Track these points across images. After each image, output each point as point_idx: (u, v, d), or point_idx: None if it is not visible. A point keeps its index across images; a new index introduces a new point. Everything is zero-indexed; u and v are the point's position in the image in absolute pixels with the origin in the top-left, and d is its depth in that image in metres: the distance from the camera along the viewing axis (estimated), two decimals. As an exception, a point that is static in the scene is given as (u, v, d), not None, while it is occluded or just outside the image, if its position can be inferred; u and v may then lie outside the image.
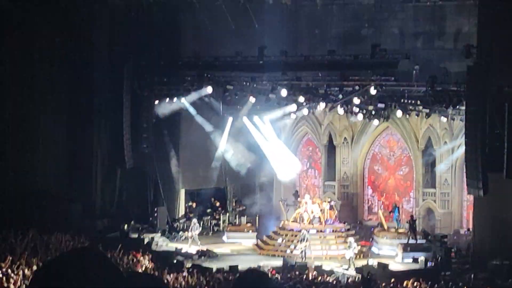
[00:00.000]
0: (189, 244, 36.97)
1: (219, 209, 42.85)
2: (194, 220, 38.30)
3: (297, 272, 30.49)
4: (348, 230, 37.96)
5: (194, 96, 40.09)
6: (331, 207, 38.51)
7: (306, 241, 34.82)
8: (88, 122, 39.86)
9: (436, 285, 26.44)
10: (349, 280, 29.65)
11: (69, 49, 39.48)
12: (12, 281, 21.45)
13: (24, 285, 20.71)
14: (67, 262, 3.25)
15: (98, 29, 39.91)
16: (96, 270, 3.20)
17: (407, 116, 38.39)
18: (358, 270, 31.65)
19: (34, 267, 24.32)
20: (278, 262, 33.57)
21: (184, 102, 40.78)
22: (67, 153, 39.92)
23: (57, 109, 39.46)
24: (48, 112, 39.10)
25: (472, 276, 30.01)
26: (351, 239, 34.51)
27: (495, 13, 33.21)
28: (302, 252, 34.68)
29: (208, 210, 42.83)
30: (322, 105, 38.32)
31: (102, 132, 39.85)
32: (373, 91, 35.47)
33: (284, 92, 37.27)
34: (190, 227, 37.78)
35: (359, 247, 35.26)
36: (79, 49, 39.26)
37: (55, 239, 31.88)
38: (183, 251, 35.95)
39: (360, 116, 39.17)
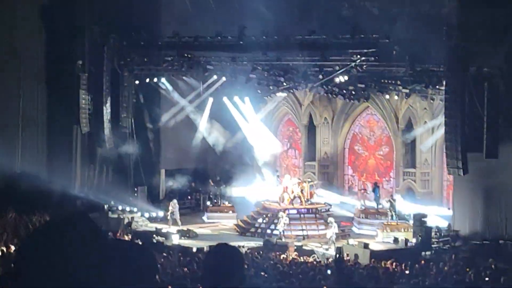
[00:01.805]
0: (169, 224, 36.97)
1: (200, 189, 42.86)
2: (174, 201, 38.28)
3: (277, 252, 30.55)
4: (328, 210, 38.04)
5: (174, 76, 40.04)
6: (311, 187, 38.58)
7: (285, 221, 34.87)
8: (67, 102, 39.68)
9: (416, 265, 26.54)
10: (329, 260, 29.71)
11: (49, 28, 39.26)
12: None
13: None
14: (56, 229, 3.24)
15: (78, 9, 39.65)
16: (85, 235, 3.18)
17: (387, 96, 38.42)
18: (338, 250, 31.75)
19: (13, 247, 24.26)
20: (259, 243, 33.63)
21: (164, 82, 40.72)
22: (46, 133, 39.75)
23: (36, 88, 39.25)
24: (27, 92, 38.89)
25: (453, 256, 30.17)
26: (331, 219, 34.59)
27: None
28: (281, 232, 34.74)
29: (189, 190, 42.83)
30: (302, 85, 38.29)
31: (82, 113, 39.67)
32: (353, 71, 35.46)
33: (264, 72, 37.22)
34: (171, 207, 37.73)
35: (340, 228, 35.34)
36: (59, 29, 39.04)
37: (35, 219, 31.79)
38: (163, 231, 35.94)
39: (340, 97, 39.16)
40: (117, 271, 3.23)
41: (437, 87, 34.54)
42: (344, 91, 38.28)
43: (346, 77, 36.15)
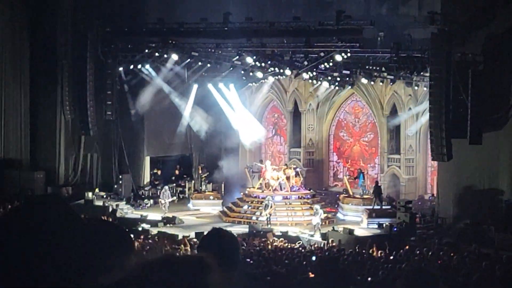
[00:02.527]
0: (165, 209, 36.86)
1: (185, 176, 42.80)
2: (166, 187, 38.16)
3: (263, 239, 30.59)
4: (314, 196, 38.10)
5: (158, 62, 39.92)
6: (296, 174, 38.58)
7: (271, 207, 34.90)
8: (51, 89, 39.56)
9: (401, 250, 26.63)
10: (314, 246, 29.76)
11: (32, 14, 39.06)
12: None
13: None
14: (27, 209, 3.21)
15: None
16: (55, 216, 3.16)
17: (372, 82, 38.46)
18: (323, 236, 31.83)
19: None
20: (244, 229, 33.65)
21: (149, 68, 40.57)
22: (30, 120, 39.62)
23: (19, 76, 39.08)
24: (9, 79, 38.72)
25: (437, 241, 30.31)
26: (317, 206, 34.58)
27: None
28: (267, 218, 34.78)
29: (173, 178, 42.80)
30: (287, 72, 38.27)
31: (66, 100, 39.54)
32: (338, 57, 35.45)
33: (249, 59, 37.18)
34: (161, 194, 37.64)
35: (326, 214, 35.38)
36: (42, 15, 38.87)
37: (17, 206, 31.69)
38: (148, 218, 35.91)
39: (325, 83, 39.18)
40: (91, 251, 3.22)
41: (422, 73, 34.63)
42: (329, 78, 38.30)
43: (330, 63, 36.17)
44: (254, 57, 37.28)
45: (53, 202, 3.19)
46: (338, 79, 38.33)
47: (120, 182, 40.45)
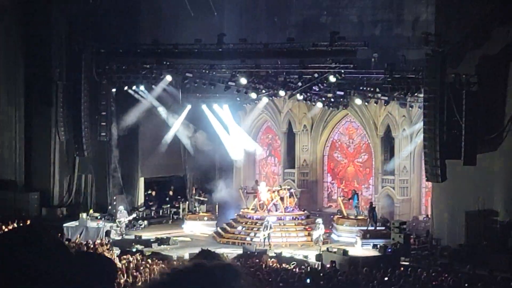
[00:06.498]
0: (122, 230, 36.95)
1: (179, 197, 42.76)
2: (121, 207, 38.06)
3: (257, 260, 30.53)
4: (308, 217, 38.07)
5: (153, 83, 39.95)
6: (290, 195, 38.59)
7: (270, 228, 34.92)
8: (45, 110, 39.58)
9: (395, 271, 26.61)
10: (309, 267, 29.70)
11: (27, 36, 39.16)
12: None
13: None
14: (10, 240, 3.20)
15: (56, 16, 39.58)
16: (42, 248, 3.15)
17: (366, 103, 38.51)
18: (317, 257, 31.78)
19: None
20: (238, 250, 33.61)
21: (143, 89, 40.57)
22: (24, 141, 39.62)
23: (14, 97, 39.13)
24: (4, 100, 38.77)
25: (431, 262, 30.29)
26: (319, 219, 34.76)
27: (452, 1, 33.50)
28: (265, 238, 34.78)
29: (167, 199, 42.76)
30: (281, 93, 38.32)
31: (60, 121, 39.55)
32: (332, 78, 35.46)
33: (243, 80, 37.23)
34: (118, 214, 37.58)
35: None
36: (36, 37, 38.96)
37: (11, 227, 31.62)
38: (142, 238, 35.89)
39: (319, 104, 39.24)
40: (76, 282, 3.20)
41: (416, 94, 34.69)
42: (323, 99, 38.34)
43: (324, 84, 36.22)
44: (248, 78, 37.32)
45: (36, 234, 3.17)
46: (332, 100, 38.36)
47: (114, 203, 40.38)
